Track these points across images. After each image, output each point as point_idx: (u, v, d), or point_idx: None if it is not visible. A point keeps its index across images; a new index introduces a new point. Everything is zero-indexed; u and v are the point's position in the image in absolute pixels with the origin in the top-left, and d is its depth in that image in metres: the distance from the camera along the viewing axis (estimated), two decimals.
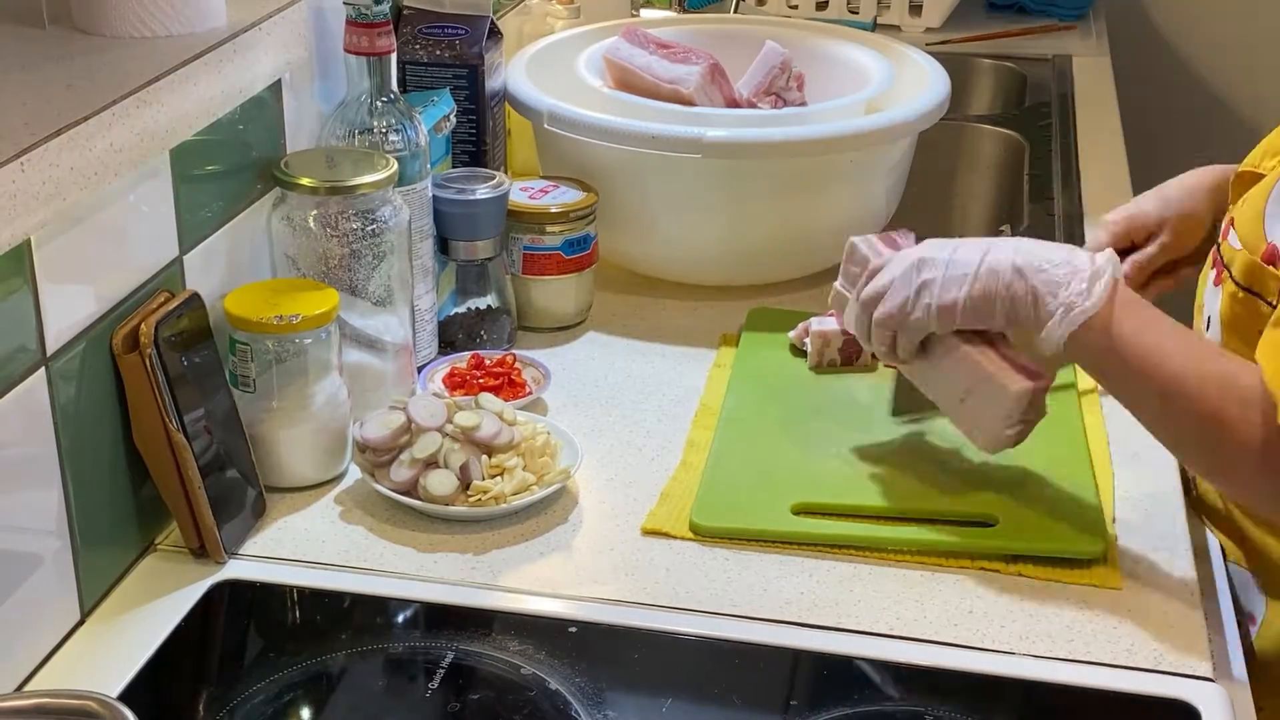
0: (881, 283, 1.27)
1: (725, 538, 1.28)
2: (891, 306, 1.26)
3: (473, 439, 1.30)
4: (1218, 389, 1.15)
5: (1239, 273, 1.25)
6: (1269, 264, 1.22)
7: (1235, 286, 1.26)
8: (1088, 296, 1.18)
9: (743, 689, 1.14)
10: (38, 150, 1.02)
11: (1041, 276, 1.20)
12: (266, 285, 1.34)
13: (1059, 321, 1.19)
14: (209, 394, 1.25)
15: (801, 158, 1.64)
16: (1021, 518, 1.29)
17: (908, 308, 1.25)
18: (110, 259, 1.17)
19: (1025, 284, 1.20)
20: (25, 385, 1.08)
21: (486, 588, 1.23)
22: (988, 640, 1.17)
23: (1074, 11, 2.86)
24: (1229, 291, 1.27)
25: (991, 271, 1.21)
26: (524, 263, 1.61)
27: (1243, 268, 1.25)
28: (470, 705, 1.13)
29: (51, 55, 1.21)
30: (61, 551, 1.14)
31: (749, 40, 1.87)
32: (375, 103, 1.42)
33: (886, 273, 1.27)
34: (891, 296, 1.26)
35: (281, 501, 1.32)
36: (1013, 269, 1.21)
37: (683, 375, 1.55)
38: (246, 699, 1.11)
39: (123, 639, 1.16)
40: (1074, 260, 1.21)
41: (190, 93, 1.20)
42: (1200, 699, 1.11)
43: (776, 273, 1.74)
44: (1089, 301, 1.18)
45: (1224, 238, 1.30)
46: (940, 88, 1.76)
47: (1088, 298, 1.18)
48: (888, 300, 1.26)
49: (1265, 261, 1.22)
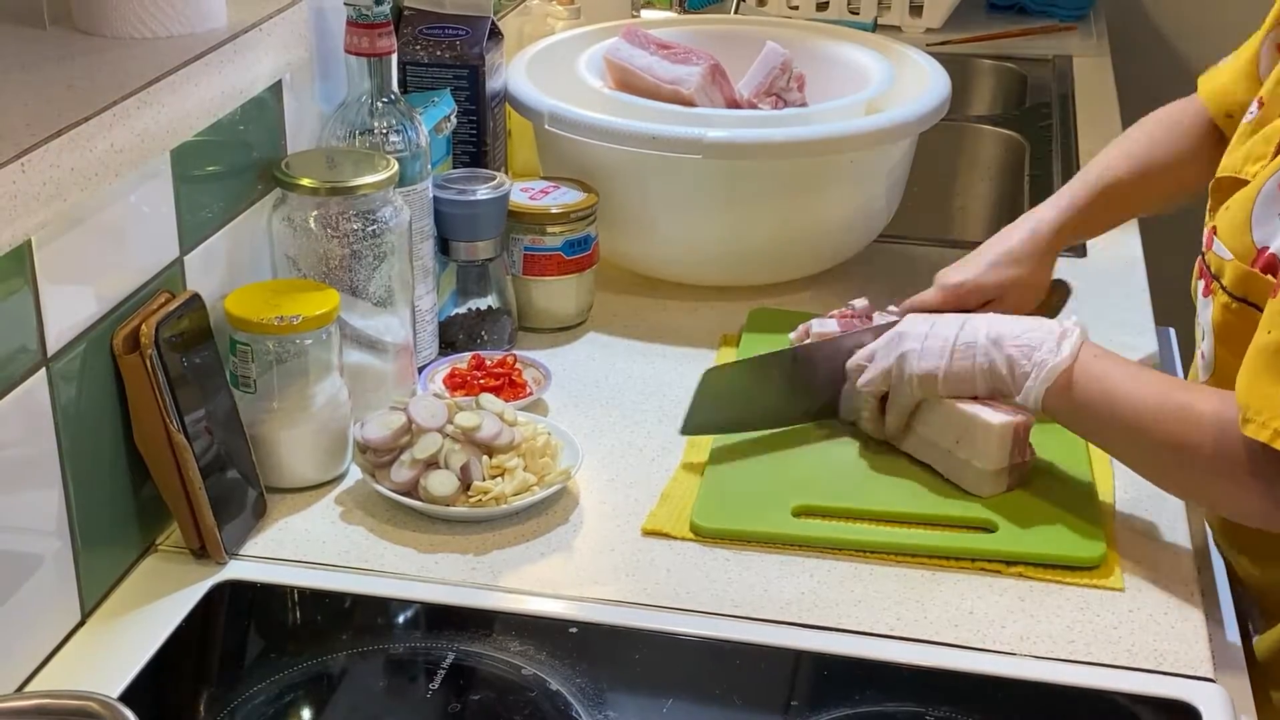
0: (864, 355, 1.38)
1: (726, 538, 1.28)
2: (874, 373, 1.36)
3: (473, 439, 1.30)
4: (1177, 418, 1.19)
5: (1231, 282, 1.25)
6: (1267, 272, 1.21)
7: (1228, 297, 1.26)
8: (1058, 353, 1.26)
9: (743, 690, 1.14)
10: (38, 151, 1.02)
11: (1015, 342, 1.29)
12: (267, 286, 1.34)
13: (1035, 380, 1.27)
14: (210, 394, 1.25)
15: (802, 158, 1.64)
16: (1021, 523, 1.29)
17: (891, 377, 1.34)
18: (111, 260, 1.17)
19: (1001, 351, 1.29)
20: (26, 386, 1.08)
21: (487, 588, 1.23)
22: (988, 641, 1.17)
23: (1074, 12, 2.86)
24: (1221, 302, 1.27)
25: (968, 344, 1.31)
26: (524, 263, 1.61)
27: (1235, 277, 1.25)
28: (471, 706, 1.13)
29: (52, 56, 1.21)
30: (62, 552, 1.14)
31: (749, 41, 1.87)
32: (376, 103, 1.42)
33: (870, 347, 1.38)
34: (874, 366, 1.36)
35: (282, 502, 1.32)
36: (988, 339, 1.30)
37: (683, 376, 1.55)
38: (247, 699, 1.11)
39: (123, 639, 1.16)
40: (1044, 325, 1.29)
41: (191, 93, 1.20)
42: (1201, 699, 1.11)
43: (777, 273, 1.74)
44: (1059, 357, 1.26)
45: (1208, 247, 1.29)
46: (941, 88, 1.76)
47: (1058, 354, 1.26)
48: (870, 369, 1.36)
49: (1263, 270, 1.22)
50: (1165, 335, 1.68)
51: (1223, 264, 1.26)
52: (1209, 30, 3.08)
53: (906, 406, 1.35)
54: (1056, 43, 2.74)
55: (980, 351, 1.30)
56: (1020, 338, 1.29)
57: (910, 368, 1.33)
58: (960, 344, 1.31)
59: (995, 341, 1.29)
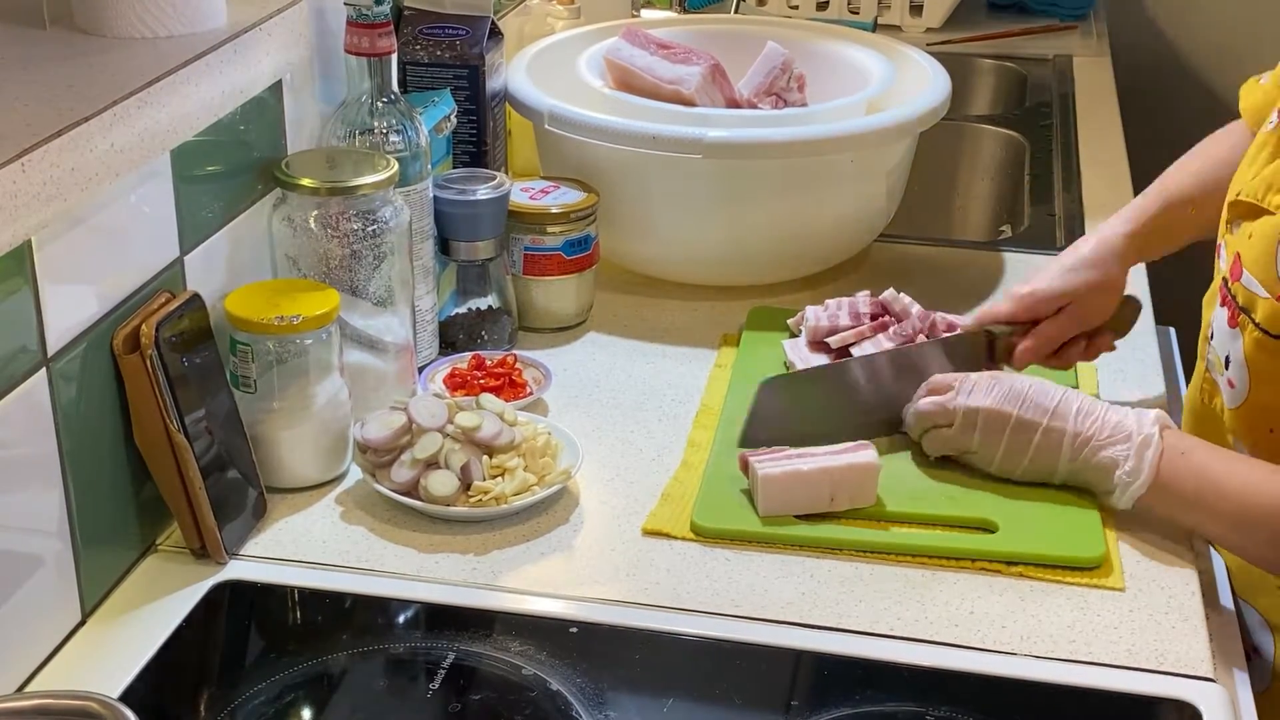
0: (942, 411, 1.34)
1: (726, 538, 1.28)
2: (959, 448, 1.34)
3: (474, 439, 1.30)
4: None
5: (1266, 319, 1.24)
6: None
7: (1262, 334, 1.25)
8: (1139, 473, 1.26)
9: (744, 690, 1.14)
10: (39, 151, 1.02)
11: (1099, 453, 1.28)
12: (267, 286, 1.34)
13: (1120, 496, 1.28)
14: (210, 394, 1.25)
15: (802, 158, 1.64)
16: (1021, 523, 1.29)
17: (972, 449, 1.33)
18: (111, 260, 1.17)
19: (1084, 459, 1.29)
20: (26, 386, 1.08)
21: (487, 588, 1.23)
22: (989, 641, 1.17)
23: (1075, 12, 2.86)
24: (1253, 337, 1.26)
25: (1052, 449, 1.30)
26: (525, 263, 1.61)
27: (1269, 315, 1.24)
28: (471, 706, 1.13)
29: (52, 56, 1.21)
30: (62, 552, 1.14)
31: (750, 40, 1.87)
32: (376, 103, 1.42)
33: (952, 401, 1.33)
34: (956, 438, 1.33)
35: (282, 502, 1.32)
36: (1071, 443, 1.29)
37: (683, 375, 1.55)
38: (247, 699, 1.11)
39: (124, 639, 1.16)
40: (1126, 429, 1.28)
41: (191, 93, 1.20)
42: (1201, 699, 1.11)
43: (777, 273, 1.74)
44: (1141, 478, 1.26)
45: (1235, 277, 1.28)
46: (941, 88, 1.76)
47: (1139, 474, 1.26)
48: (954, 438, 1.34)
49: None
50: (1165, 335, 1.68)
51: (1254, 299, 1.25)
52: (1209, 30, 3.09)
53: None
54: (1057, 42, 2.74)
55: (1065, 457, 1.29)
56: (1105, 449, 1.27)
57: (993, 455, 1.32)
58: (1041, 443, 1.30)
59: (1078, 447, 1.29)
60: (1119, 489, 1.27)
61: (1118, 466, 1.27)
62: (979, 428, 1.32)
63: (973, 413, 1.32)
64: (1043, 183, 2.11)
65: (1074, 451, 1.29)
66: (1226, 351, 1.30)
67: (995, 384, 1.32)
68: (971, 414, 1.32)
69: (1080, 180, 2.09)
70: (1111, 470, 1.27)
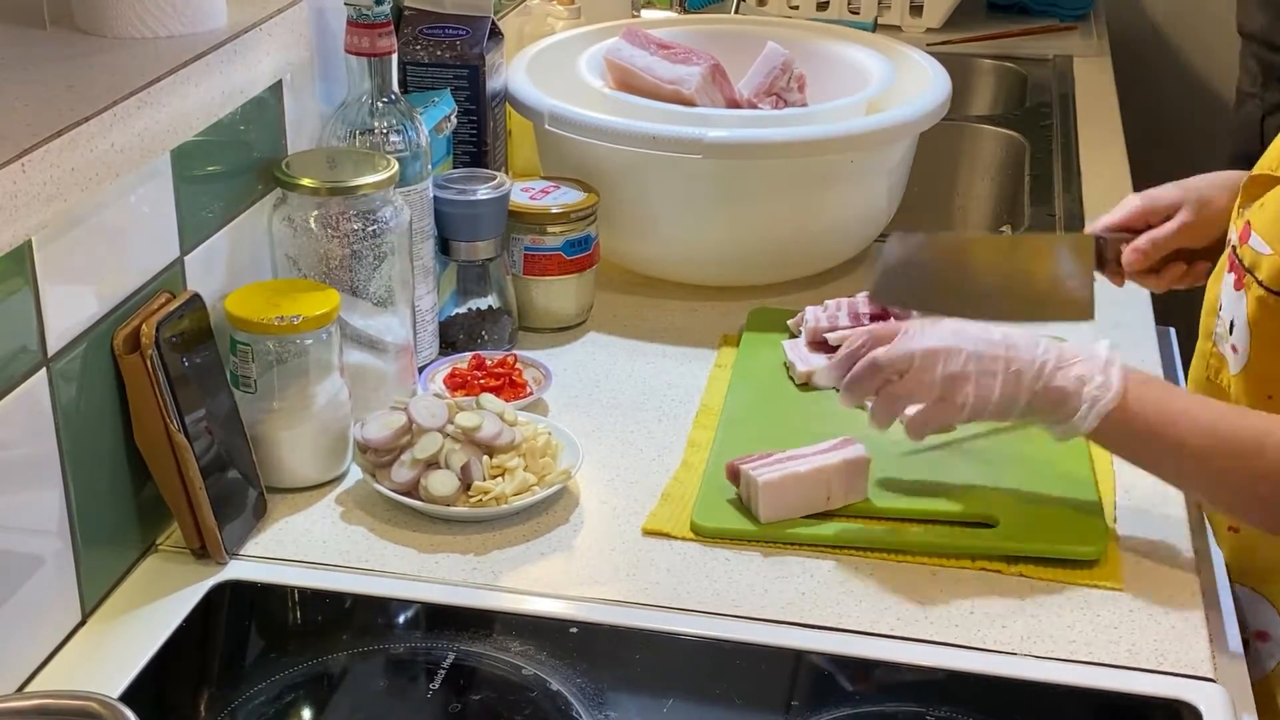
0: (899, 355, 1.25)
1: (726, 538, 1.28)
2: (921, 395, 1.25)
3: (474, 439, 1.30)
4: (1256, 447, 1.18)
5: (1269, 276, 1.24)
6: None
7: (1264, 291, 1.25)
8: (1109, 387, 1.21)
9: (744, 690, 1.14)
10: (39, 151, 1.02)
11: (1063, 374, 1.22)
12: (267, 286, 1.34)
13: (1086, 413, 1.21)
14: (210, 394, 1.25)
15: (802, 158, 1.64)
16: (1022, 519, 1.29)
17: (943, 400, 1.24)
18: (111, 260, 1.17)
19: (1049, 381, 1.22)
20: (26, 386, 1.08)
21: (487, 588, 1.23)
22: (989, 641, 1.17)
23: (1075, 12, 2.86)
24: (1256, 295, 1.26)
25: (1017, 375, 1.23)
26: (525, 263, 1.61)
27: (1273, 271, 1.24)
28: (471, 706, 1.13)
29: (52, 56, 1.21)
30: (63, 552, 1.14)
31: (750, 41, 1.87)
32: (376, 103, 1.42)
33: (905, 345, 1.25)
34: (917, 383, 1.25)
35: (282, 502, 1.32)
36: (1036, 370, 1.23)
37: (684, 375, 1.55)
38: (248, 699, 1.11)
39: (124, 639, 1.16)
40: (1082, 349, 1.24)
41: (191, 93, 1.20)
42: (1201, 699, 1.11)
43: (777, 273, 1.74)
44: (1112, 392, 1.21)
45: (1242, 241, 1.29)
46: (941, 88, 1.76)
47: (1109, 388, 1.21)
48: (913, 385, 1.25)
49: None
50: (1166, 335, 1.68)
51: (1259, 258, 1.25)
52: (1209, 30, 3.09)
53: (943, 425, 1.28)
54: (1057, 43, 2.74)
55: (1027, 384, 1.23)
56: (1068, 368, 1.23)
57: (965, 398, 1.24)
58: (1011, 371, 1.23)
59: (1039, 370, 1.23)
60: (1085, 404, 1.21)
61: (1084, 384, 1.22)
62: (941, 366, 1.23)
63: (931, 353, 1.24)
64: (1043, 183, 2.11)
65: (1035, 376, 1.22)
66: (1231, 316, 1.31)
67: (938, 325, 1.26)
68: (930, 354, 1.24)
69: (1080, 180, 2.09)
70: (1077, 390, 1.21)
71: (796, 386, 1.51)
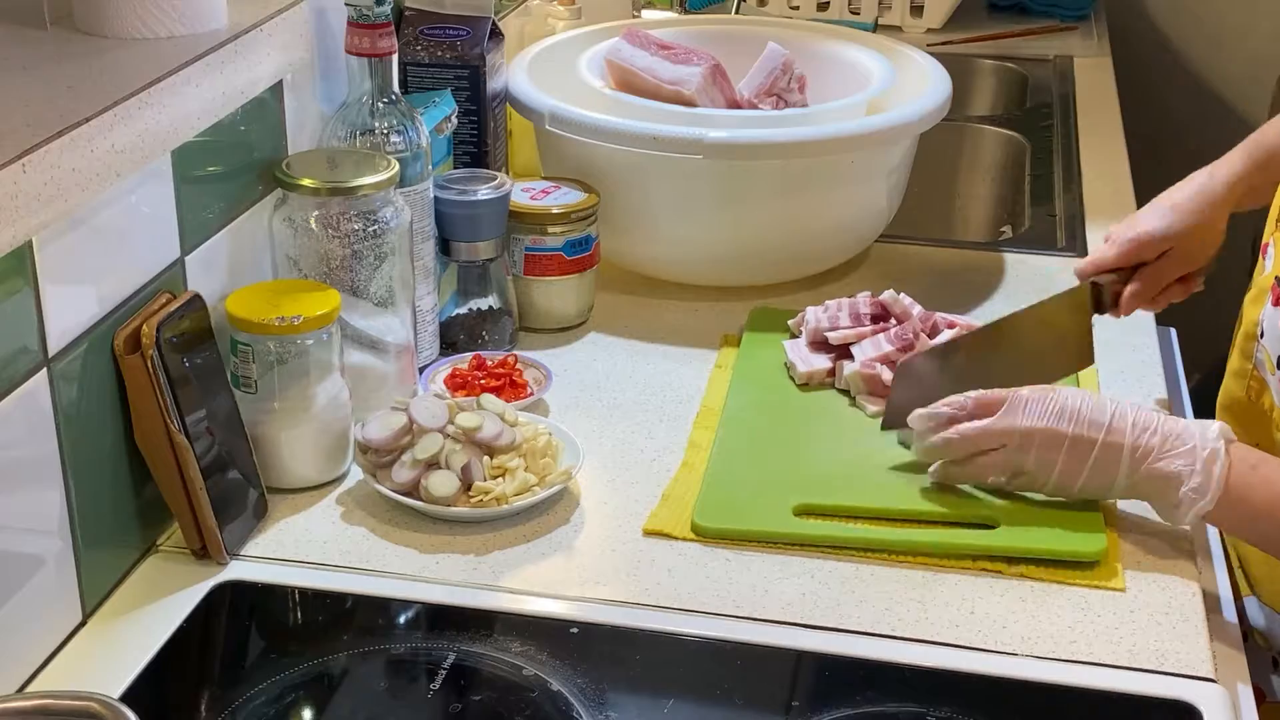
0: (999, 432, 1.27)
1: (727, 538, 1.28)
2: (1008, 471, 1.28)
3: (474, 440, 1.30)
4: None
5: None
6: None
7: None
8: (1206, 490, 1.21)
9: (744, 690, 1.14)
10: (39, 151, 1.02)
11: (1160, 466, 1.22)
12: (268, 286, 1.34)
13: (1185, 513, 1.22)
14: (210, 395, 1.25)
15: (803, 159, 1.64)
16: (1022, 519, 1.29)
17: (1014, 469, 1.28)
18: (112, 260, 1.17)
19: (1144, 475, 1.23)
20: (27, 386, 1.08)
21: (488, 588, 1.23)
22: (989, 641, 1.17)
23: (1075, 12, 2.86)
24: None
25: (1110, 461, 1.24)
26: (525, 263, 1.61)
27: None
28: (472, 706, 1.13)
29: (53, 56, 1.21)
30: (63, 552, 1.14)
31: (750, 41, 1.87)
32: (377, 104, 1.42)
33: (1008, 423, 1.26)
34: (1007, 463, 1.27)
35: (283, 502, 1.32)
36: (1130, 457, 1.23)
37: (684, 376, 1.55)
38: (248, 700, 1.11)
39: (124, 640, 1.16)
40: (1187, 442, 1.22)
41: (192, 94, 1.20)
42: (1202, 700, 1.11)
43: (778, 273, 1.74)
44: (1209, 495, 1.20)
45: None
46: (941, 88, 1.76)
47: (1206, 491, 1.21)
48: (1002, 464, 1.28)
49: None
50: (1166, 335, 1.68)
51: None
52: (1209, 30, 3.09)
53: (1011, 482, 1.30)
54: (1057, 43, 2.74)
55: (1123, 472, 1.24)
56: (1165, 459, 1.22)
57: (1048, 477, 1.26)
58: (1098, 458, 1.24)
59: (1137, 460, 1.23)
60: (1184, 505, 1.21)
61: (1182, 481, 1.21)
62: (1035, 448, 1.25)
63: (1029, 434, 1.25)
64: (1043, 183, 2.11)
65: (1133, 465, 1.23)
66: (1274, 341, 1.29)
67: (1045, 401, 1.26)
68: (1028, 435, 1.25)
69: (1081, 181, 2.09)
70: (1174, 483, 1.21)
71: (797, 386, 1.51)
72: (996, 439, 1.27)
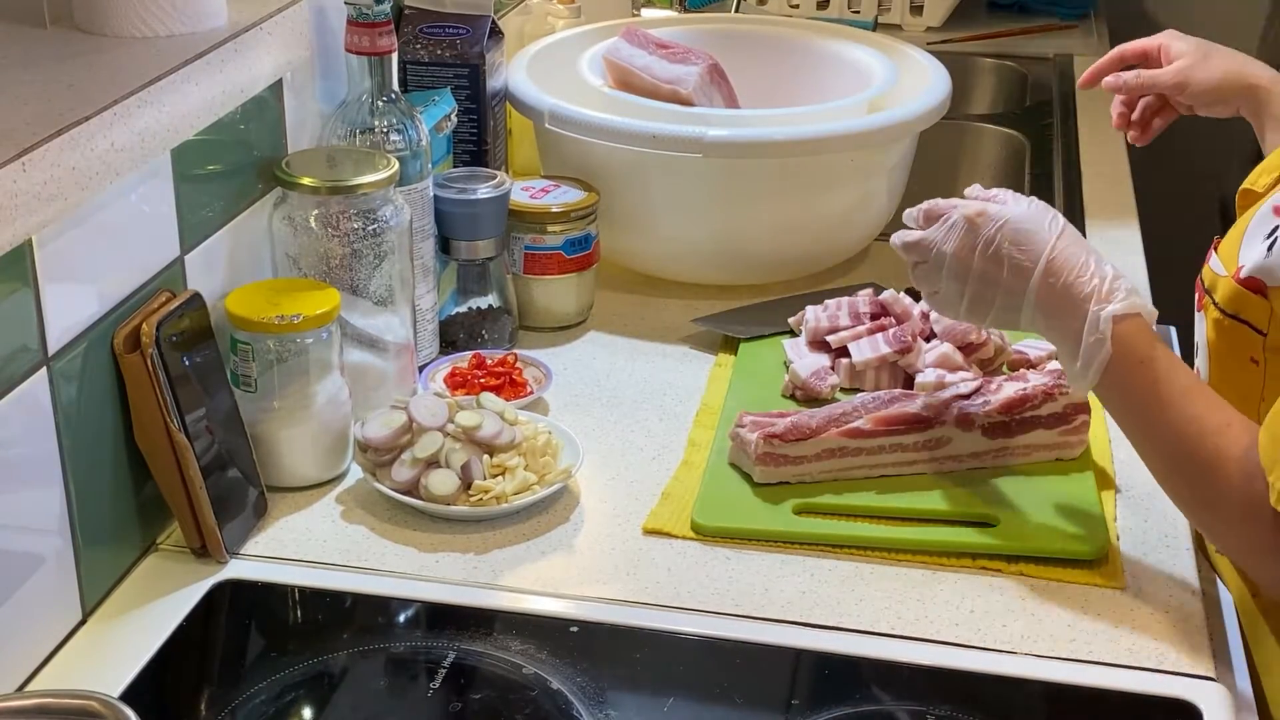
0: (910, 248, 1.26)
1: (727, 537, 1.28)
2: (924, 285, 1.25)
3: (474, 438, 1.30)
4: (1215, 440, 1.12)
5: (1224, 299, 1.21)
6: (1252, 290, 1.17)
7: (1219, 313, 1.22)
8: (1127, 296, 1.17)
9: (744, 688, 1.14)
10: (39, 150, 1.02)
11: (1079, 282, 1.18)
12: (268, 285, 1.34)
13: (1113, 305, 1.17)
14: (210, 394, 1.25)
15: (802, 157, 1.64)
16: (1021, 518, 1.29)
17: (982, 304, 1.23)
18: (111, 259, 1.17)
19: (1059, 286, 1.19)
20: (26, 385, 1.08)
21: (488, 587, 1.23)
22: (989, 640, 1.17)
23: (1075, 11, 2.86)
24: (1213, 318, 1.23)
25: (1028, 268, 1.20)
26: (525, 262, 1.61)
27: (1227, 294, 1.21)
28: (472, 705, 1.13)
29: (53, 55, 1.21)
30: (63, 551, 1.14)
31: (749, 41, 1.87)
32: (376, 102, 1.42)
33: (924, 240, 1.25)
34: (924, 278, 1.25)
35: (283, 501, 1.32)
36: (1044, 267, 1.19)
37: (684, 375, 1.55)
38: (248, 699, 1.11)
39: (124, 639, 1.16)
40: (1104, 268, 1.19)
41: (191, 92, 1.20)
42: (1202, 698, 1.11)
43: (777, 272, 1.74)
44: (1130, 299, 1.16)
45: (1207, 261, 1.26)
46: (941, 87, 1.76)
47: (1126, 296, 1.17)
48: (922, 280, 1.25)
49: (1245, 287, 1.18)
50: (1166, 335, 1.68)
51: (1216, 279, 1.23)
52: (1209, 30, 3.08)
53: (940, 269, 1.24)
54: (1057, 41, 2.74)
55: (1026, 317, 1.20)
56: (1083, 280, 1.18)
57: (956, 303, 1.23)
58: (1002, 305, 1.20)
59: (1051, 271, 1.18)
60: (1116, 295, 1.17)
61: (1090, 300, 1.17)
62: (946, 271, 1.22)
63: (941, 256, 1.23)
64: (1043, 182, 2.11)
65: (1047, 271, 1.18)
66: (1197, 339, 1.30)
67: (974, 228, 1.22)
68: (940, 257, 1.23)
69: (1081, 179, 2.09)
70: (1085, 295, 1.17)
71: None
72: (918, 253, 1.25)
